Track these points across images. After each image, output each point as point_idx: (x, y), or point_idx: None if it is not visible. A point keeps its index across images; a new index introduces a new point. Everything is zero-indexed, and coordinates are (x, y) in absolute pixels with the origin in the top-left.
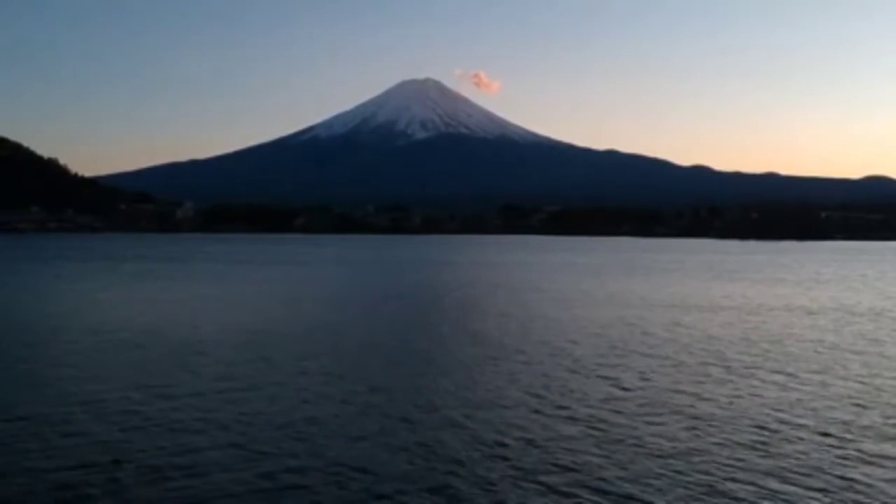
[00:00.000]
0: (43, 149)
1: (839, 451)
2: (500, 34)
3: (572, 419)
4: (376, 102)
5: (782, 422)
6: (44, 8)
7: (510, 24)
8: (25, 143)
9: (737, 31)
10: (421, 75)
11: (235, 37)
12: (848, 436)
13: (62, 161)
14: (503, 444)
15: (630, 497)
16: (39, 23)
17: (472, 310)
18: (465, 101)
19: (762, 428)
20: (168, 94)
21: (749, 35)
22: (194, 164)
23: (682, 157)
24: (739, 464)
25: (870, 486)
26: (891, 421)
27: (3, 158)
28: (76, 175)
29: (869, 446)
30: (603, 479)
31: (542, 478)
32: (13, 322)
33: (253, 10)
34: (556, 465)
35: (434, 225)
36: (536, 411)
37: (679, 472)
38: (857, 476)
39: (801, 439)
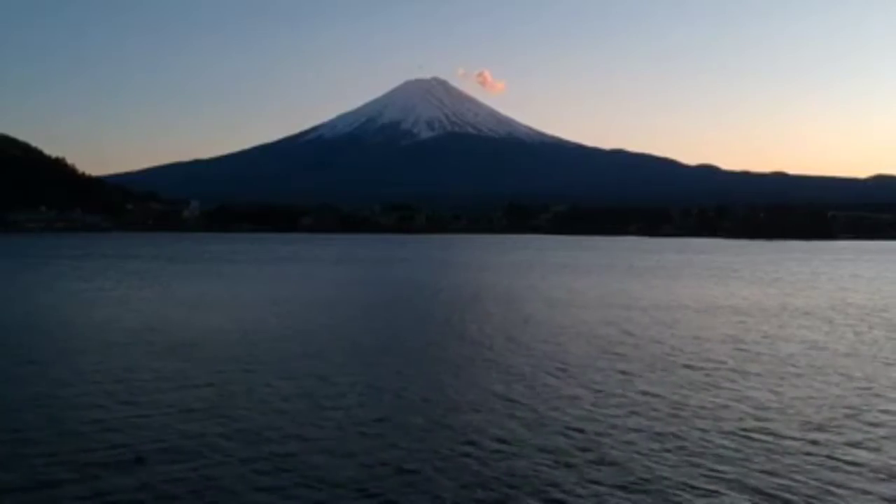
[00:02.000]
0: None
1: (826, 453)
2: (504, 33)
3: (557, 421)
4: (381, 102)
5: (769, 423)
6: (50, 10)
7: (514, 24)
8: (34, 144)
9: (744, 30)
10: (423, 75)
11: (241, 37)
12: (836, 437)
13: (69, 161)
14: (485, 446)
15: (616, 498)
16: (46, 24)
17: (466, 310)
18: (472, 100)
19: (748, 429)
20: (174, 94)
21: (756, 34)
22: (200, 164)
23: (690, 156)
24: (725, 465)
25: (855, 488)
26: (881, 422)
27: (11, 159)
28: (83, 175)
29: (857, 448)
30: (589, 480)
31: (528, 479)
32: (16, 322)
33: (257, 11)
34: (539, 467)
35: (440, 224)
36: (523, 413)
37: (665, 475)
38: (844, 478)
39: (786, 441)
